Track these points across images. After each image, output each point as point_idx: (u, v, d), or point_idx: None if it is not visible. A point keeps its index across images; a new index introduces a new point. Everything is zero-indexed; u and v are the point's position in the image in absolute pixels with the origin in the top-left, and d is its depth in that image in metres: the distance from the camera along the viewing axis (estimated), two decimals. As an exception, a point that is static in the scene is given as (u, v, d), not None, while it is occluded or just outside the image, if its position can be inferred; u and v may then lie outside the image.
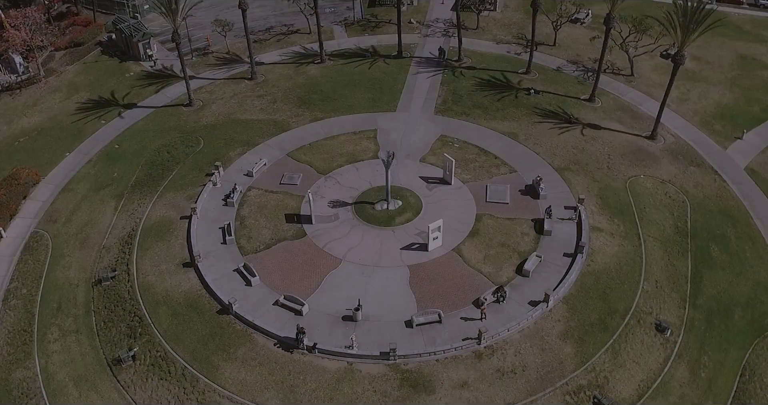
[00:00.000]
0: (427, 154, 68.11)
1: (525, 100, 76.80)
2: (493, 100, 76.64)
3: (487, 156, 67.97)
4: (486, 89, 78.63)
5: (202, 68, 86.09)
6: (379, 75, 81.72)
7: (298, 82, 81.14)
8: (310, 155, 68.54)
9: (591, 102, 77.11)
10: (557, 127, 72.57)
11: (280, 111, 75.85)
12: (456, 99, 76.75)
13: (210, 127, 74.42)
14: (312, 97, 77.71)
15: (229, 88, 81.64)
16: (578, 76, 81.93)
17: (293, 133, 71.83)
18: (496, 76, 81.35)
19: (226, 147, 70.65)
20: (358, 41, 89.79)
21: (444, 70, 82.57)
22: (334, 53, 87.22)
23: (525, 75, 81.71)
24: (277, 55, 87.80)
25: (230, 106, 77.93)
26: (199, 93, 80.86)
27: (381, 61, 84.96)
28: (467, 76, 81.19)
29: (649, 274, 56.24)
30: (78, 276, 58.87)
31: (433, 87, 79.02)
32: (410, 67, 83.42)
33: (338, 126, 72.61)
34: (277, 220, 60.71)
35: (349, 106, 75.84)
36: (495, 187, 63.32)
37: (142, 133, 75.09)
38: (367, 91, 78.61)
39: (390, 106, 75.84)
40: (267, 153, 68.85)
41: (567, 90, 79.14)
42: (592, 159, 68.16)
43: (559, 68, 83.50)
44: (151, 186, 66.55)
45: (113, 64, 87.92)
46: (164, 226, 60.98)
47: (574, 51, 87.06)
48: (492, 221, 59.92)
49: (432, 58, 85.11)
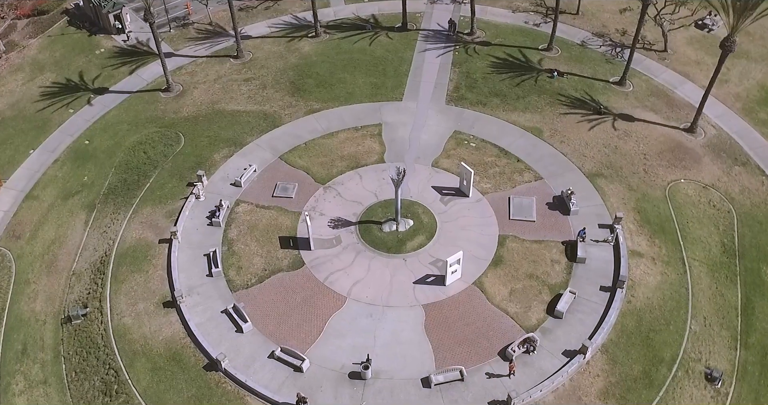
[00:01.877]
0: (440, 157, 59.86)
1: (548, 85, 67.91)
2: (512, 84, 67.72)
3: (508, 158, 59.79)
4: (503, 71, 69.53)
5: (182, 43, 76.27)
6: (381, 53, 72.28)
7: (290, 61, 71.73)
8: (306, 158, 60.18)
9: (621, 86, 68.34)
10: (585, 119, 64.09)
11: (271, 100, 66.86)
12: (470, 84, 67.77)
13: (191, 119, 65.59)
14: (306, 82, 68.56)
15: (212, 68, 72.23)
16: (605, 53, 72.70)
17: (286, 129, 63.19)
18: (514, 53, 72.05)
19: (210, 147, 62.12)
20: (356, 9, 79.66)
21: (455, 46, 73.09)
22: (330, 25, 77.30)
23: (546, 52, 72.44)
24: (266, 27, 77.86)
25: (214, 92, 68.81)
26: (178, 75, 71.52)
27: (383, 34, 75.27)
28: (481, 54, 71.84)
29: (696, 309, 49.37)
30: (45, 309, 51.67)
31: (444, 68, 69.84)
32: (417, 42, 73.85)
33: (337, 120, 63.92)
34: (270, 244, 53.04)
35: (349, 94, 66.86)
36: (519, 200, 55.52)
37: (115, 126, 66.31)
38: (369, 73, 69.42)
39: (395, 93, 66.90)
40: (257, 155, 60.45)
41: (594, 71, 70.13)
42: (627, 160, 60.12)
43: (583, 43, 74.11)
44: (125, 196, 58.44)
45: (81, 38, 77.90)
46: (141, 252, 53.28)
47: (599, 21, 77.38)
48: (517, 245, 52.44)
49: (441, 31, 75.43)
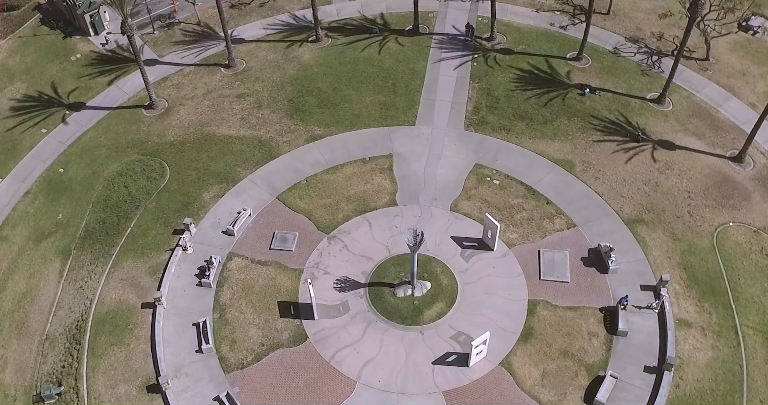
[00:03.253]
0: (459, 198, 52.93)
1: (578, 104, 60.41)
2: (539, 104, 60.19)
3: (537, 199, 52.88)
4: (528, 87, 61.88)
5: (167, 47, 68.21)
6: (391, 63, 64.38)
7: (288, 73, 63.88)
8: (308, 199, 53.21)
9: (660, 104, 60.89)
10: (622, 148, 56.91)
11: (267, 122, 59.38)
12: (491, 104, 60.23)
13: (178, 145, 58.29)
14: (307, 101, 60.93)
15: (201, 79, 64.44)
16: (641, 63, 64.87)
17: (284, 161, 56.00)
18: (540, 64, 64.21)
19: (199, 183, 55.04)
20: (362, 6, 71.25)
21: (473, 54, 65.14)
22: (332, 26, 69.07)
23: (575, 62, 64.63)
24: (261, 28, 69.65)
25: (203, 110, 61.26)
26: (163, 87, 63.84)
27: (393, 39, 67.16)
28: (503, 64, 64.00)
29: (753, 392, 43.45)
30: (16, 382, 45.76)
31: (462, 83, 62.14)
32: (430, 49, 65.85)
33: (342, 149, 56.66)
34: (268, 310, 46.64)
35: (355, 116, 59.36)
36: (551, 255, 48.93)
37: (93, 151, 59.09)
38: (377, 89, 61.73)
39: (407, 115, 59.40)
40: (252, 195, 53.48)
41: (629, 85, 62.49)
42: (669, 201, 53.27)
43: (615, 50, 66.16)
44: (104, 243, 51.76)
45: (55, 40, 69.74)
46: (121, 319, 46.91)
47: (633, 22, 69.18)
48: (549, 313, 46.08)
49: (457, 35, 67.31)
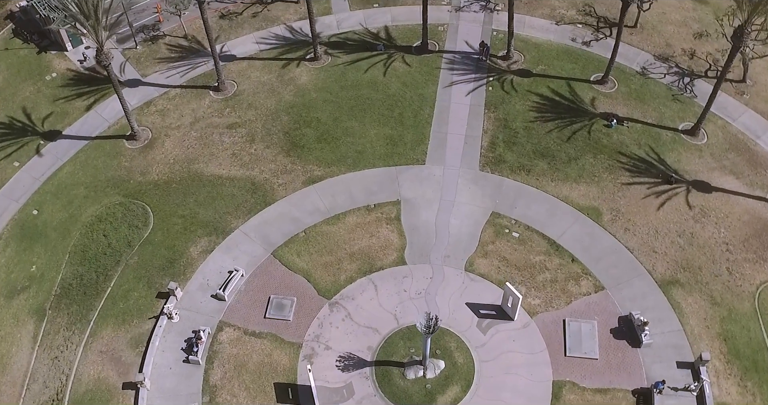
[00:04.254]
0: (475, 255, 47.70)
1: (604, 138, 54.73)
2: (561, 139, 54.50)
3: (561, 257, 47.68)
4: (549, 117, 56.09)
5: (150, 65, 62.02)
6: (397, 88, 58.33)
7: (283, 99, 57.91)
8: (307, 256, 47.94)
9: (693, 136, 55.26)
10: (653, 192, 51.49)
11: (260, 160, 53.72)
12: (509, 138, 54.51)
13: (162, 186, 52.75)
14: (305, 135, 55.14)
15: (188, 105, 58.50)
16: (671, 85, 58.95)
17: (280, 209, 50.57)
18: (561, 88, 58.26)
19: (186, 234, 49.69)
20: (364, 17, 64.80)
21: (488, 77, 59.10)
22: (332, 41, 62.79)
23: (600, 86, 58.70)
24: (254, 42, 63.35)
25: (190, 143, 55.52)
26: (146, 113, 58.01)
27: (399, 57, 60.97)
28: (520, 90, 58.03)
29: None
30: (-18, 471, 41.10)
31: (476, 112, 56.29)
32: (440, 71, 59.74)
33: (344, 194, 51.15)
34: (264, 394, 41.82)
35: (359, 154, 53.67)
36: (577, 326, 43.98)
37: (70, 190, 53.59)
38: (383, 121, 55.89)
39: (416, 152, 53.72)
40: (244, 250, 48.21)
41: (660, 113, 56.72)
42: (706, 256, 48.12)
43: (644, 70, 60.11)
44: (81, 304, 46.79)
45: (29, 56, 63.44)
46: (101, 401, 42.09)
47: (662, 37, 62.94)
48: (576, 397, 41.30)
49: (470, 53, 61.12)
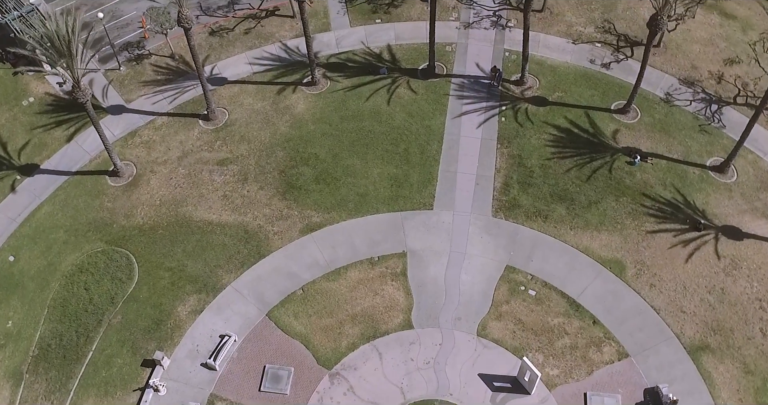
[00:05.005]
0: (488, 317, 43.79)
1: (627, 177, 50.47)
2: (580, 179, 50.22)
3: (581, 318, 43.78)
4: (567, 153, 51.73)
5: (135, 89, 57.30)
6: (402, 119, 53.75)
7: (279, 131, 53.40)
8: (305, 318, 43.98)
9: (723, 173, 51.10)
10: (680, 241, 47.46)
11: (254, 203, 49.42)
12: (524, 178, 50.19)
13: (147, 232, 48.56)
14: (302, 174, 50.75)
15: (175, 136, 53.99)
16: (698, 114, 54.51)
17: (276, 262, 46.47)
18: (580, 119, 53.79)
19: (173, 290, 45.66)
20: (366, 35, 59.86)
21: (500, 106, 54.54)
22: (331, 63, 58.00)
23: (621, 115, 54.24)
24: (246, 63, 58.55)
25: (177, 181, 51.18)
26: (131, 145, 53.60)
27: (404, 82, 56.27)
28: (536, 121, 53.55)
29: None
30: None
31: (488, 148, 51.87)
32: (449, 98, 55.13)
33: (346, 244, 46.99)
34: None
35: (361, 197, 49.36)
36: (599, 400, 40.33)
37: (49, 234, 49.45)
38: (387, 157, 51.48)
39: (423, 195, 49.42)
40: (237, 310, 44.24)
41: (686, 147, 52.39)
42: (738, 316, 44.33)
43: (668, 97, 55.58)
44: (60, 369, 43.12)
45: (4, 78, 58.64)
46: None
47: (687, 58, 58.24)
48: None
49: (480, 78, 56.44)
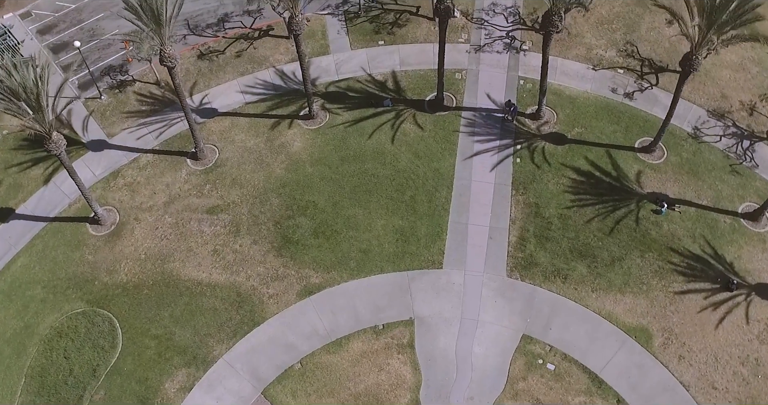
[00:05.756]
0: (503, 396, 40.16)
1: (653, 229, 46.40)
2: (603, 231, 46.15)
3: (604, 397, 40.20)
4: (588, 200, 47.55)
5: (118, 121, 52.82)
6: (408, 160, 49.37)
7: (273, 174, 49.08)
8: (304, 397, 40.34)
9: (756, 222, 47.09)
10: (710, 302, 43.71)
11: (247, 261, 45.36)
12: (541, 231, 46.08)
13: (132, 292, 44.67)
14: (299, 226, 46.60)
15: (161, 177, 49.71)
16: (728, 151, 50.23)
17: (271, 331, 42.64)
18: (601, 160, 49.48)
19: (160, 362, 41.94)
20: (368, 59, 55.09)
21: (515, 144, 50.18)
22: (330, 92, 53.40)
23: (646, 154, 49.93)
24: (238, 91, 53.94)
25: (164, 232, 47.08)
26: (113, 187, 49.44)
27: (409, 115, 51.78)
28: (553, 162, 49.22)
29: None
30: None
31: (501, 194, 47.66)
32: (458, 135, 50.71)
33: (347, 310, 43.10)
34: None
35: (364, 253, 45.29)
36: None
37: (26, 290, 45.63)
38: (392, 206, 47.26)
39: (432, 251, 45.36)
40: (229, 387, 40.58)
41: (716, 192, 48.20)
42: (777, 393, 40.69)
43: (696, 131, 51.17)
44: (37, 456, 39.46)
45: (-28, 108, 53.88)
46: None
47: (717, 86, 53.65)
48: None
49: (493, 111, 51.95)
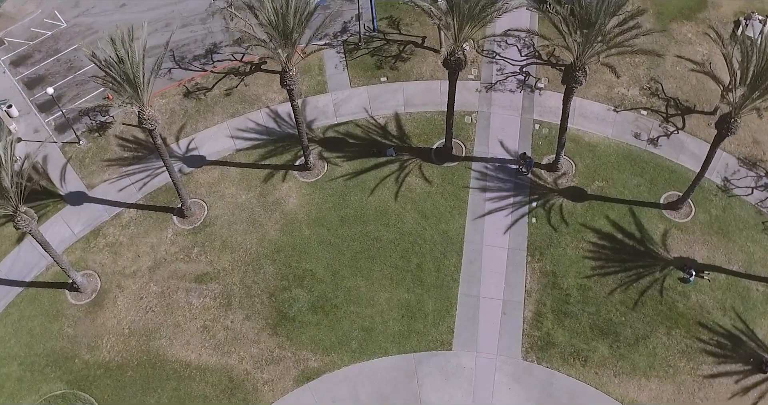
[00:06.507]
0: None
1: (680, 300, 42.80)
2: (625, 304, 42.51)
3: None
4: (609, 268, 43.80)
5: (98, 170, 48.74)
6: (414, 221, 45.36)
7: (267, 236, 45.15)
8: None
9: (792, 291, 43.36)
10: (741, 387, 40.53)
11: (239, 340, 41.71)
12: (559, 304, 42.42)
13: (115, 373, 41.29)
14: (296, 299, 42.86)
15: (146, 237, 45.83)
16: (762, 205, 46.35)
17: (267, 423, 39.33)
18: (624, 219, 45.55)
19: (146, 462, 38.66)
20: (369, 98, 50.70)
21: (530, 201, 46.16)
22: (328, 137, 49.19)
23: (672, 212, 46.03)
24: (227, 135, 49.74)
25: (149, 303, 43.47)
26: (93, 248, 45.84)
27: (415, 166, 47.65)
28: (571, 222, 45.29)
29: None
30: None
31: (516, 261, 43.84)
32: (468, 192, 46.62)
33: (349, 398, 39.67)
34: None
35: (366, 332, 41.60)
36: None
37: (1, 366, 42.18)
38: (396, 276, 43.41)
39: (441, 329, 41.68)
40: None
41: (748, 255, 44.43)
42: None
43: (726, 183, 47.17)
44: None
45: (-61, 155, 49.59)
46: None
47: (748, 129, 49.30)
48: None
49: (506, 161, 47.83)
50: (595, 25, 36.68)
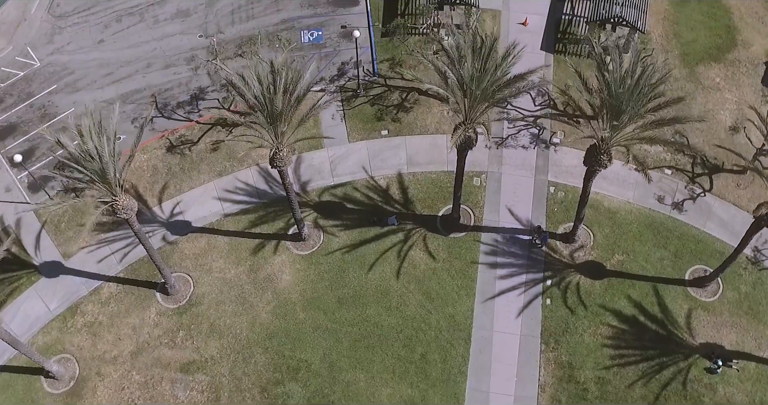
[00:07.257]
0: None
1: (706, 393, 39.62)
2: (647, 399, 39.34)
3: None
4: (629, 356, 40.42)
5: (75, 235, 44.86)
6: (418, 303, 41.70)
7: (258, 319, 41.55)
8: None
9: (826, 382, 40.07)
10: None
11: (231, 440, 38.59)
12: (576, 401, 39.17)
13: (95, 481, 38.10)
14: (290, 395, 39.52)
15: (127, 317, 42.30)
16: (796, 284, 42.77)
17: None
18: (645, 299, 41.99)
19: None
20: (369, 155, 46.56)
21: (544, 279, 42.48)
22: (324, 202, 45.21)
23: (698, 290, 42.41)
24: (215, 197, 45.75)
25: (131, 394, 40.35)
26: (71, 329, 42.39)
27: (419, 239, 43.75)
28: (589, 303, 41.72)
29: None
30: None
31: (529, 350, 40.37)
32: (477, 268, 42.84)
33: None
34: None
35: (366, 435, 38.46)
36: None
37: (-31, 468, 39.06)
38: (399, 369, 39.96)
39: (446, 432, 38.51)
40: None
41: (781, 344, 41.03)
42: None
43: (756, 255, 43.49)
44: None
45: None
46: None
47: (783, 193, 45.37)
48: None
49: (518, 233, 43.94)
50: (625, 113, 32.46)
